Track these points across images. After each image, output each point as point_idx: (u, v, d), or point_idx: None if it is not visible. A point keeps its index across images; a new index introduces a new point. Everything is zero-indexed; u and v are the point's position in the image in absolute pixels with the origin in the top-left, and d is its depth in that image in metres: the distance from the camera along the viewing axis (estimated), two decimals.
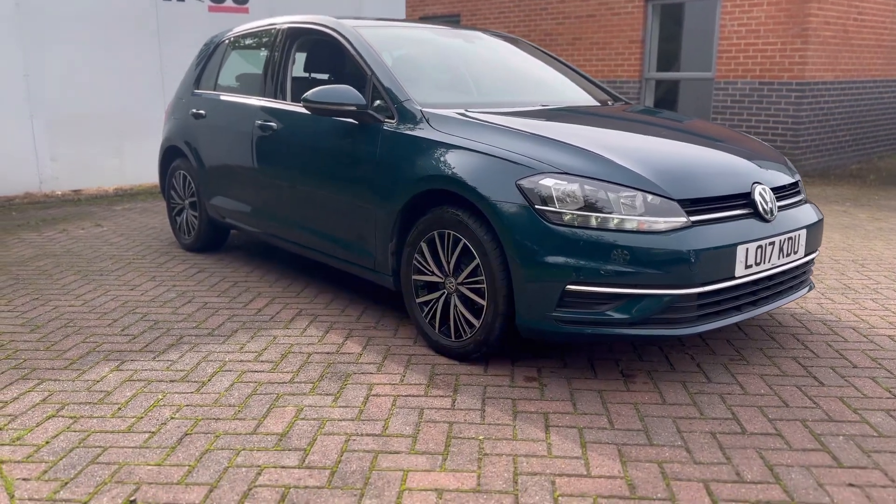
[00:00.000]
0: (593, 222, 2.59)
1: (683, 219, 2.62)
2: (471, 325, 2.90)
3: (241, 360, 2.99)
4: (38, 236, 5.40)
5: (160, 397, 2.66)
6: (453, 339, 2.97)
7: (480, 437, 2.35)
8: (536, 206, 2.63)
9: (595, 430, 2.39)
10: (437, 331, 3.04)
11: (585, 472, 2.14)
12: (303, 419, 2.48)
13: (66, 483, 2.09)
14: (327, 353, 3.08)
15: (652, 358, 3.02)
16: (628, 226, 2.58)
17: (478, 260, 2.80)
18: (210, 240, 4.82)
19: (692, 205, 2.68)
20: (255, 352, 3.09)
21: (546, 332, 2.68)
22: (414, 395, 2.65)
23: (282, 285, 4.11)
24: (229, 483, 2.09)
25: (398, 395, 2.65)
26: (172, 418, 2.49)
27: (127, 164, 7.51)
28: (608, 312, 2.60)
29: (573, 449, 2.27)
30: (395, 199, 3.12)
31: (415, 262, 3.09)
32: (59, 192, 7.13)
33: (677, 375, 2.84)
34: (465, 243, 2.85)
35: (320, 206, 3.60)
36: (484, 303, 2.81)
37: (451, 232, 2.90)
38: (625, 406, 2.57)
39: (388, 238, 3.20)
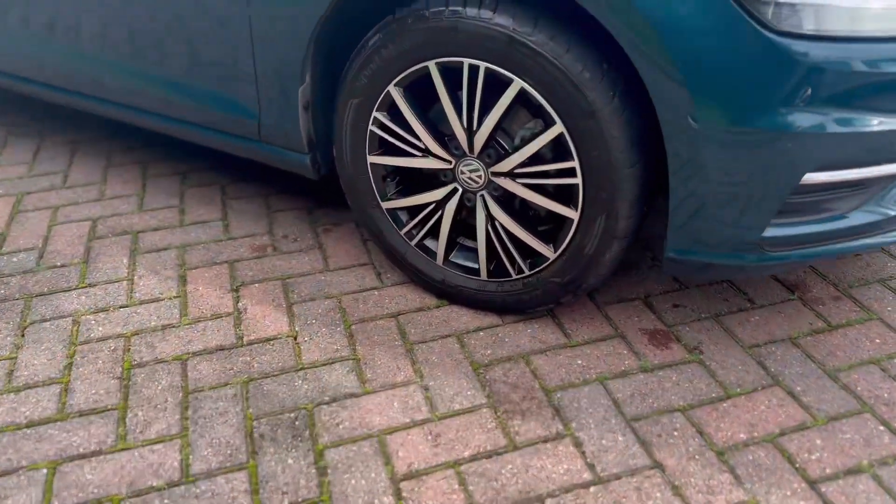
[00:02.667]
0: (868, 24, 1.11)
1: None
2: (528, 256, 1.41)
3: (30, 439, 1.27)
4: None
5: None
6: (486, 278, 1.47)
7: None
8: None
9: None
10: (441, 261, 1.51)
11: None
12: None
13: None
14: (222, 346, 1.43)
15: None
16: None
17: (560, 126, 1.24)
18: None
19: None
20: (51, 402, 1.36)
21: (737, 268, 1.29)
22: (486, 455, 1.21)
23: (44, 165, 2.14)
24: None
25: (455, 463, 1.19)
26: None
27: None
28: (850, 215, 1.27)
29: None
30: None
31: (372, 128, 1.42)
32: None
33: None
34: (523, 90, 1.24)
35: (104, 6, 1.64)
36: (575, 215, 1.31)
37: (484, 64, 1.25)
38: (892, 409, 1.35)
39: (292, 76, 1.45)
